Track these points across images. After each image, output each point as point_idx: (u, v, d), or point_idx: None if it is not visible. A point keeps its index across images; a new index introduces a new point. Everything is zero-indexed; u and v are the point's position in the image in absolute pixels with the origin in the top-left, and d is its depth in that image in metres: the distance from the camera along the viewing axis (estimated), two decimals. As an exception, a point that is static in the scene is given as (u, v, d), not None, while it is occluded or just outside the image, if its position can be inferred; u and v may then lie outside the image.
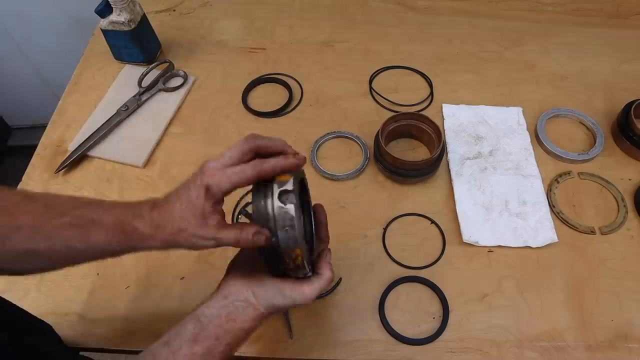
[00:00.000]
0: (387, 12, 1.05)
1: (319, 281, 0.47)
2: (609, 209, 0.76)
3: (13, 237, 0.42)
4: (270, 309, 0.46)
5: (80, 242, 0.43)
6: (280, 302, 0.46)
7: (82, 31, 1.03)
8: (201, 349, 0.43)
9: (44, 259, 0.44)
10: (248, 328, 0.45)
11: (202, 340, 0.43)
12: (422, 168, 0.75)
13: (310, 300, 0.46)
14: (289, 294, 0.46)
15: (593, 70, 0.94)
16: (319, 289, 0.47)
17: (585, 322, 0.65)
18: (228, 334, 0.44)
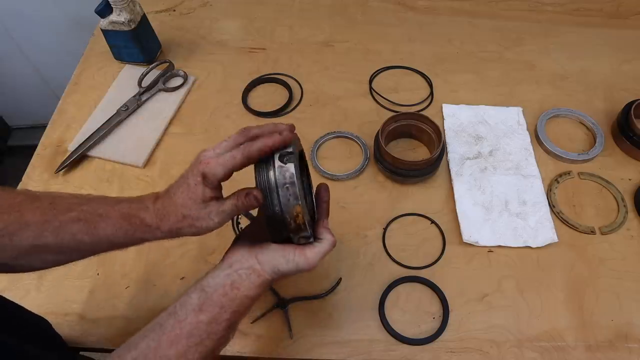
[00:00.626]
0: (387, 12, 1.05)
1: (321, 245, 0.47)
2: (609, 209, 0.76)
3: (21, 233, 0.43)
4: (275, 275, 0.46)
5: (87, 235, 0.45)
6: (284, 267, 0.46)
7: (82, 31, 1.04)
8: (206, 317, 0.43)
9: (52, 254, 0.45)
10: (253, 295, 0.46)
11: (207, 309, 0.44)
12: (422, 168, 0.75)
13: (313, 265, 0.46)
14: (292, 257, 0.46)
15: (593, 70, 0.94)
16: (322, 253, 0.47)
17: (585, 322, 0.65)
18: (233, 302, 0.44)
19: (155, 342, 0.42)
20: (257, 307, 0.65)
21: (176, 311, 0.44)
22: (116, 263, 0.69)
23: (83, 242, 0.45)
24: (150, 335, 0.43)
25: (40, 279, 0.67)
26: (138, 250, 0.70)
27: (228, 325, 0.44)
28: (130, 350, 0.42)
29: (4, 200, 0.44)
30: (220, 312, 0.44)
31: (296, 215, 0.45)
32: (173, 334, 0.42)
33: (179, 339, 0.42)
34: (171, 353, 0.42)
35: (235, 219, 0.73)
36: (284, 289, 0.67)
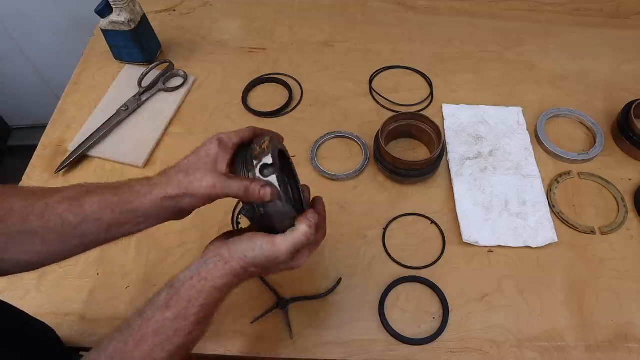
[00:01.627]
0: (387, 12, 1.05)
1: (292, 233, 0.45)
2: (609, 209, 0.76)
3: (6, 220, 0.41)
4: (243, 262, 0.44)
5: (73, 213, 0.43)
6: (250, 253, 0.44)
7: (82, 31, 1.04)
8: (172, 314, 0.43)
9: (37, 242, 0.43)
10: (221, 285, 0.44)
11: (174, 305, 0.43)
12: (422, 168, 0.75)
13: (283, 254, 0.44)
14: (260, 244, 0.44)
15: (593, 70, 0.94)
16: (292, 242, 0.45)
17: (585, 322, 0.65)
18: (201, 294, 0.43)
19: (122, 342, 0.42)
20: (257, 307, 0.65)
21: (145, 310, 0.43)
22: (116, 263, 0.69)
23: (69, 222, 0.43)
24: (119, 337, 0.42)
25: (40, 279, 0.67)
26: (138, 250, 0.70)
27: (196, 320, 0.43)
28: (99, 353, 0.41)
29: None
30: (187, 306, 0.43)
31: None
32: (139, 334, 0.42)
33: (145, 338, 0.42)
34: (136, 354, 0.41)
35: (236, 219, 0.73)
36: (284, 289, 0.67)
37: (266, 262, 0.45)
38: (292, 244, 0.45)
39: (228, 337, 0.63)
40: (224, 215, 0.74)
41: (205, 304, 0.44)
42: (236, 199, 0.75)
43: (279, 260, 0.45)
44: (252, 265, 0.45)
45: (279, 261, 0.45)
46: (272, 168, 0.44)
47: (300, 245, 0.45)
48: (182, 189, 0.44)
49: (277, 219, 0.45)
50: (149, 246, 0.71)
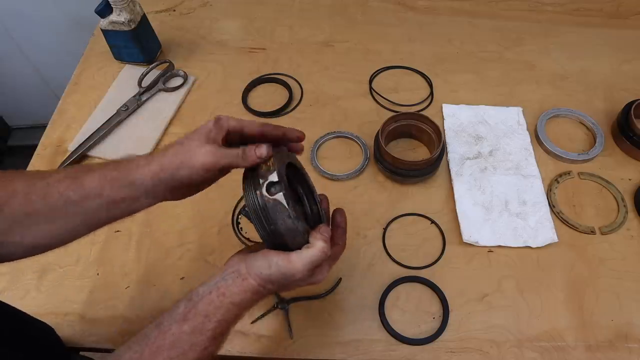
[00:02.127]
0: (387, 12, 1.05)
1: (307, 250, 0.45)
2: (609, 209, 0.76)
3: (10, 203, 0.42)
4: (260, 279, 0.44)
5: (74, 191, 0.43)
6: (266, 271, 0.44)
7: (82, 31, 1.04)
8: (189, 328, 0.43)
9: (41, 221, 0.44)
10: (239, 302, 0.44)
11: (191, 319, 0.43)
12: (422, 168, 0.75)
13: (300, 271, 0.44)
14: (275, 260, 0.44)
15: (593, 70, 0.94)
16: (308, 259, 0.44)
17: (585, 322, 0.65)
18: (219, 310, 0.44)
19: (138, 353, 0.42)
20: (257, 307, 0.65)
21: (162, 321, 0.43)
22: (116, 263, 0.69)
23: (70, 199, 0.43)
24: (134, 347, 0.42)
25: (40, 279, 0.68)
26: (138, 250, 0.70)
27: (212, 336, 0.43)
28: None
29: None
30: (204, 321, 0.43)
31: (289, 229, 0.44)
32: (155, 345, 0.42)
33: (160, 350, 0.42)
34: None
35: (236, 219, 0.73)
36: (284, 289, 0.67)
37: (283, 279, 0.45)
38: (308, 261, 0.44)
39: (228, 337, 0.62)
40: (224, 215, 0.74)
41: (223, 320, 0.44)
42: (235, 199, 0.75)
43: (296, 278, 0.45)
44: (269, 282, 0.45)
45: (296, 278, 0.45)
46: (278, 186, 0.44)
47: (317, 261, 0.45)
48: (178, 159, 0.44)
49: (288, 236, 0.45)
50: (149, 246, 0.71)
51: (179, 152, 0.44)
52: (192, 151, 0.44)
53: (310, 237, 0.46)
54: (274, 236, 0.45)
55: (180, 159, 0.44)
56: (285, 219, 0.44)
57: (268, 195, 0.44)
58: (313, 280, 0.47)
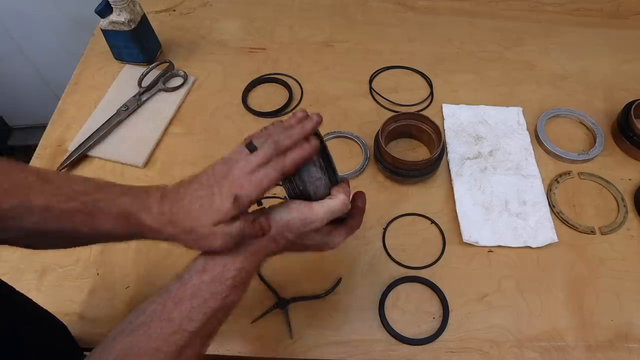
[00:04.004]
0: (387, 12, 1.05)
1: (329, 200, 0.46)
2: (609, 209, 0.76)
3: (26, 218, 0.43)
4: (281, 227, 0.45)
5: (86, 227, 0.44)
6: (286, 216, 0.45)
7: (82, 31, 1.03)
8: (209, 277, 0.43)
9: (53, 238, 0.46)
10: (256, 250, 0.45)
11: (210, 269, 0.44)
12: (422, 168, 0.75)
13: (319, 219, 0.45)
14: (296, 206, 0.45)
15: (593, 70, 0.95)
16: (330, 207, 0.46)
17: (585, 322, 0.65)
18: (237, 258, 0.44)
19: (161, 305, 0.43)
20: (257, 307, 0.65)
21: (183, 275, 0.45)
22: (116, 263, 0.69)
23: (83, 232, 0.45)
24: (157, 300, 0.43)
25: (40, 279, 0.68)
26: (138, 250, 0.70)
27: (233, 284, 0.44)
28: (139, 315, 0.43)
29: (14, 181, 0.44)
30: (223, 270, 0.44)
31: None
32: (177, 296, 0.43)
33: (182, 300, 0.43)
34: (175, 315, 0.42)
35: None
36: (284, 289, 0.67)
37: (301, 225, 0.45)
38: (329, 209, 0.46)
39: (228, 337, 0.62)
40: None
41: (242, 268, 0.44)
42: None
43: (315, 226, 0.46)
44: (287, 229, 0.45)
45: (315, 227, 0.46)
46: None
47: (337, 211, 0.46)
48: (189, 240, 0.44)
49: (311, 186, 0.46)
50: (149, 246, 0.71)
51: (185, 234, 0.43)
52: (201, 237, 0.43)
53: (332, 190, 0.47)
54: (299, 184, 0.46)
55: (190, 238, 0.43)
56: (311, 168, 0.45)
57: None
58: (329, 240, 0.49)
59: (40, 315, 0.57)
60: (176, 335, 0.41)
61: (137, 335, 0.41)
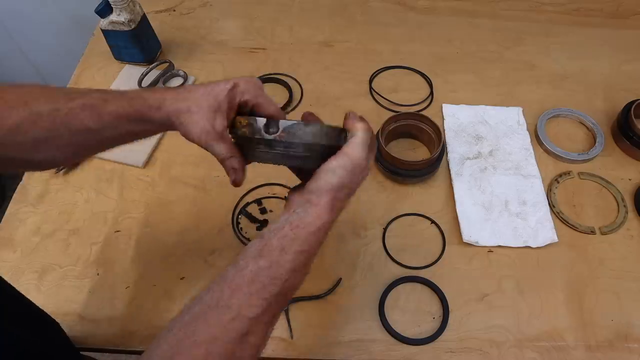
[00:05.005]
0: (387, 12, 1.05)
1: (354, 137, 0.45)
2: (609, 209, 0.76)
3: (36, 125, 0.44)
4: (332, 192, 0.44)
5: (94, 121, 0.45)
6: (334, 179, 0.44)
7: (82, 31, 1.03)
8: (266, 262, 0.42)
9: (64, 143, 0.46)
10: (316, 229, 0.44)
11: (267, 255, 0.42)
12: (422, 168, 0.75)
13: (361, 157, 0.45)
14: (335, 164, 0.44)
15: (593, 70, 0.95)
16: (360, 144, 0.45)
17: (585, 322, 0.65)
18: (295, 241, 0.43)
19: (219, 292, 0.41)
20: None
21: (237, 261, 0.43)
22: (116, 263, 0.69)
23: (90, 128, 0.46)
24: (214, 288, 0.42)
25: (40, 279, 0.68)
26: (138, 250, 0.70)
27: (292, 268, 0.43)
28: (196, 303, 0.41)
29: (13, 94, 0.45)
30: (281, 254, 0.42)
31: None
32: (234, 283, 0.41)
33: (240, 287, 0.41)
34: (234, 301, 0.40)
35: (236, 219, 0.73)
36: (284, 289, 0.67)
37: (352, 175, 0.45)
38: (361, 143, 0.45)
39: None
40: (224, 215, 0.74)
41: (300, 251, 0.43)
42: (236, 199, 0.75)
43: (362, 165, 0.45)
44: (340, 188, 0.44)
45: (362, 166, 0.45)
46: (271, 122, 0.44)
47: (367, 139, 0.46)
48: (179, 119, 0.46)
49: (322, 139, 0.45)
50: (149, 246, 0.71)
51: (181, 113, 0.46)
52: (191, 121, 0.45)
53: (345, 126, 0.47)
54: (313, 152, 0.45)
55: (181, 120, 0.46)
56: (305, 130, 0.44)
57: (275, 135, 0.44)
58: (370, 159, 0.48)
59: (29, 310, 0.57)
60: (235, 322, 0.39)
61: (194, 325, 0.40)
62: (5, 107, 0.44)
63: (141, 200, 0.75)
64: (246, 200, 0.75)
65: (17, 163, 0.48)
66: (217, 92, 0.46)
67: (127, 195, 0.76)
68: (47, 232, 0.72)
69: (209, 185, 0.77)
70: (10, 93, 0.46)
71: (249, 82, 0.47)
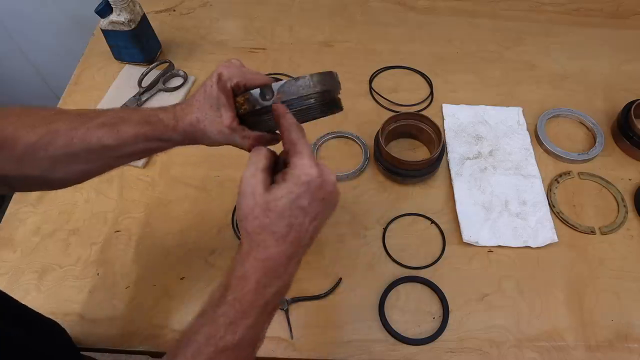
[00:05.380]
0: (387, 12, 1.05)
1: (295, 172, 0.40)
2: (609, 209, 0.76)
3: (54, 142, 0.45)
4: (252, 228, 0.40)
5: (111, 138, 0.47)
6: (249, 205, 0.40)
7: (82, 31, 1.03)
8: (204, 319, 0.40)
9: (81, 161, 0.48)
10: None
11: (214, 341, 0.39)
12: (422, 168, 0.75)
13: (310, 173, 0.40)
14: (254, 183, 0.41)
15: (593, 70, 0.95)
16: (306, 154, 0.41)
17: (585, 322, 0.65)
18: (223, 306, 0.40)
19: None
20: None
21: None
22: (116, 263, 0.69)
23: (108, 145, 0.47)
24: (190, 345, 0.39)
25: (40, 279, 0.68)
26: (138, 250, 0.70)
27: (227, 322, 0.39)
28: None
29: (38, 116, 0.47)
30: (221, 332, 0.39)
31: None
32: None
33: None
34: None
35: (236, 219, 0.73)
36: (284, 289, 0.67)
37: (305, 194, 0.39)
38: (306, 156, 0.40)
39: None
40: (224, 215, 0.74)
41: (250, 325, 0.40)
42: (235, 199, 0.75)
43: (315, 184, 0.39)
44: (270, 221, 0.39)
45: (315, 185, 0.39)
46: (265, 89, 0.45)
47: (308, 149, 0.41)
48: (197, 132, 0.48)
49: (329, 85, 0.47)
50: (149, 246, 0.71)
51: (195, 125, 0.47)
52: (205, 129, 0.47)
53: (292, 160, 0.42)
54: (315, 101, 0.47)
55: (196, 135, 0.48)
56: (297, 85, 0.45)
57: (273, 99, 0.45)
58: (326, 177, 0.41)
59: (20, 311, 0.56)
60: None
61: None
62: (26, 126, 0.45)
63: (141, 201, 0.75)
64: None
65: (35, 181, 0.49)
66: (209, 90, 0.47)
67: (127, 196, 0.76)
68: (47, 232, 0.72)
69: (209, 186, 0.77)
70: (33, 115, 0.47)
71: (229, 66, 0.47)
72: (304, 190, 0.39)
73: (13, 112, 0.47)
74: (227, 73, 0.47)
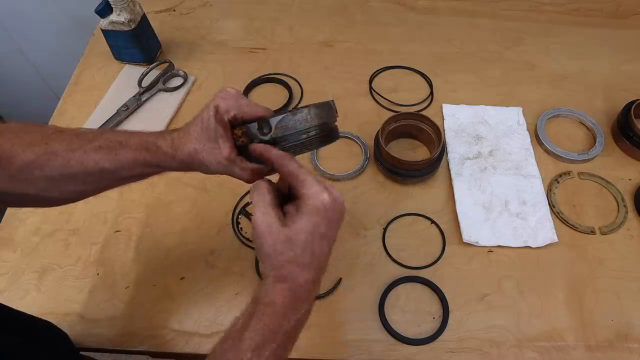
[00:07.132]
0: (387, 12, 1.05)
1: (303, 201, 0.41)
2: (609, 209, 0.76)
3: (50, 163, 0.45)
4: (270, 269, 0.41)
5: (109, 162, 0.46)
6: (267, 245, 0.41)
7: (82, 31, 1.03)
8: None
9: (78, 182, 0.48)
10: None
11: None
12: (422, 168, 0.75)
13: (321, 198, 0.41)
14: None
15: (593, 70, 0.95)
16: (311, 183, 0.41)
17: (585, 322, 0.65)
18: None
19: None
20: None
21: None
22: (116, 263, 0.69)
23: (105, 169, 0.47)
24: None
25: (40, 279, 0.67)
26: (138, 250, 0.70)
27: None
28: None
29: (35, 134, 0.47)
30: None
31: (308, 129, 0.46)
32: None
33: None
34: None
35: (236, 219, 0.73)
36: (284, 289, 0.67)
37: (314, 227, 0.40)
38: (313, 183, 0.41)
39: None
40: (224, 215, 0.74)
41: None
42: (235, 199, 0.75)
43: (329, 215, 0.41)
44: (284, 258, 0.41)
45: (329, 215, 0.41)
46: (262, 122, 0.45)
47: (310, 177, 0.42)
48: (194, 162, 0.47)
49: (327, 116, 0.46)
50: (149, 246, 0.71)
51: (193, 155, 0.47)
52: (203, 160, 0.47)
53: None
54: (313, 135, 0.46)
55: (194, 166, 0.48)
56: (294, 119, 0.45)
57: (271, 134, 0.45)
58: (336, 197, 0.42)
59: (26, 323, 0.56)
60: None
61: None
62: (23, 144, 0.45)
63: (141, 201, 0.75)
64: (246, 200, 0.75)
65: (30, 199, 0.48)
66: (207, 123, 0.46)
67: (127, 196, 0.76)
68: (47, 232, 0.72)
69: (209, 186, 0.77)
70: (31, 132, 0.47)
71: (225, 98, 0.46)
72: (322, 218, 0.41)
73: (10, 128, 0.47)
74: (224, 106, 0.46)
